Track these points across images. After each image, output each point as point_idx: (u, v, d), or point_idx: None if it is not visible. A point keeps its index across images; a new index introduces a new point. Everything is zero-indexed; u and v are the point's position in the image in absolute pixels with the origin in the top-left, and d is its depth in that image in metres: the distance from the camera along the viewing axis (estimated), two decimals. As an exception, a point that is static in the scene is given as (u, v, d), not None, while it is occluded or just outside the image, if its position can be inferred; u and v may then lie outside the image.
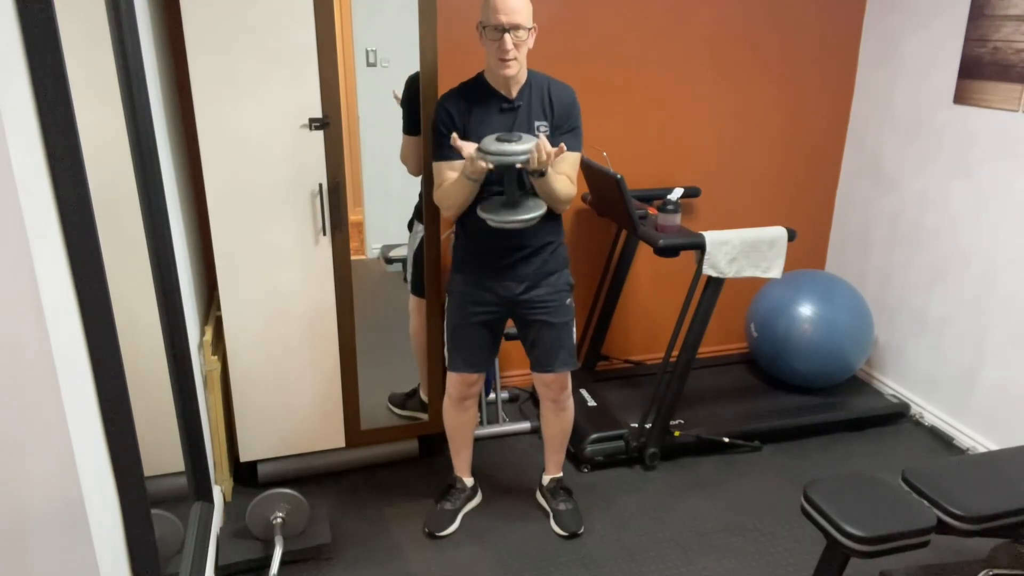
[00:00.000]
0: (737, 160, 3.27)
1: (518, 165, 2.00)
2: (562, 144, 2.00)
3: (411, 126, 2.44)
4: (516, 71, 2.07)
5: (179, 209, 2.20)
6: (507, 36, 1.99)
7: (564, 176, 2.13)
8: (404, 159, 2.51)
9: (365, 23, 2.54)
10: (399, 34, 2.43)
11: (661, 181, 3.19)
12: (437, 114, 2.15)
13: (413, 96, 2.40)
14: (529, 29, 2.03)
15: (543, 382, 2.34)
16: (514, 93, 2.12)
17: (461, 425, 2.43)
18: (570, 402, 2.41)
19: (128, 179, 1.71)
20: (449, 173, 2.12)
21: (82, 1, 1.47)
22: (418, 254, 2.57)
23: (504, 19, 1.97)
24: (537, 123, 2.14)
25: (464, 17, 2.74)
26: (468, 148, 2.02)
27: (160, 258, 1.86)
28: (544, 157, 1.97)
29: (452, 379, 2.35)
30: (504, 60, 2.02)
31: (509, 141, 1.99)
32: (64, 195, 1.12)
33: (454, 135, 2.03)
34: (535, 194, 2.13)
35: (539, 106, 2.14)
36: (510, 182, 2.08)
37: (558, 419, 2.42)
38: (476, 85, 2.15)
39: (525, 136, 2.02)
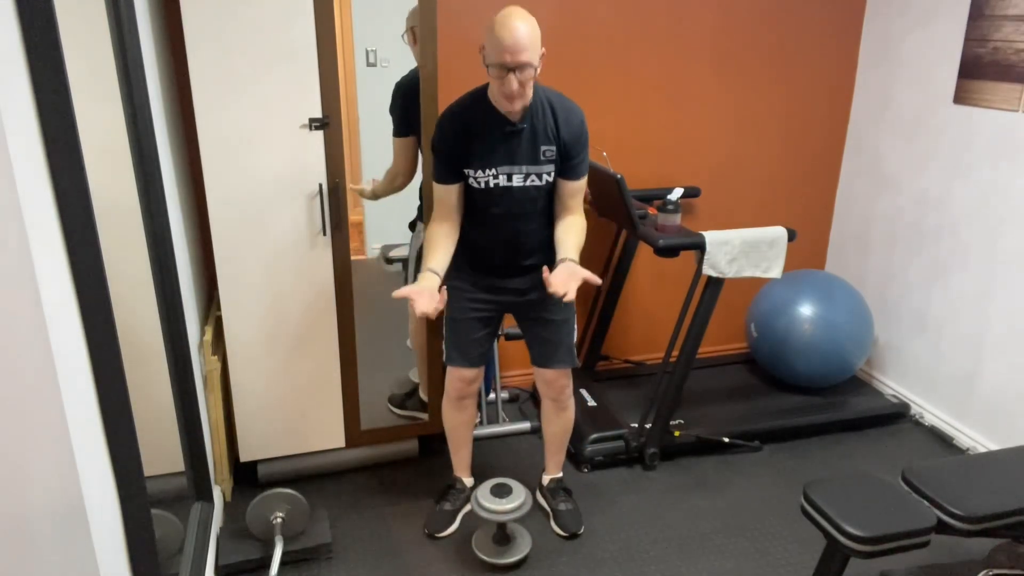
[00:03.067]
0: (737, 160, 3.27)
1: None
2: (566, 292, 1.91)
3: (402, 128, 2.47)
4: (521, 107, 1.97)
5: (179, 209, 2.20)
6: (512, 75, 1.88)
7: (574, 234, 2.13)
8: (396, 171, 2.55)
9: (365, 23, 2.54)
10: (399, 34, 2.44)
11: (661, 181, 3.19)
12: (437, 135, 2.07)
13: (404, 100, 2.43)
14: (537, 65, 1.90)
15: (543, 379, 2.34)
16: (519, 116, 2.02)
17: (460, 425, 2.43)
18: (571, 402, 2.41)
19: (128, 179, 1.71)
20: (447, 196, 2.09)
21: (82, 0, 1.46)
22: (420, 254, 2.57)
23: (510, 59, 1.85)
24: (543, 147, 2.06)
25: (464, 17, 2.74)
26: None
27: (160, 258, 1.86)
28: (561, 294, 1.91)
29: (450, 376, 2.34)
30: (510, 99, 1.93)
31: (502, 496, 2.16)
32: (64, 195, 1.12)
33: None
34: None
35: (544, 129, 2.04)
36: (501, 530, 2.26)
37: (559, 418, 2.42)
38: (478, 103, 2.03)
39: (516, 488, 2.20)
